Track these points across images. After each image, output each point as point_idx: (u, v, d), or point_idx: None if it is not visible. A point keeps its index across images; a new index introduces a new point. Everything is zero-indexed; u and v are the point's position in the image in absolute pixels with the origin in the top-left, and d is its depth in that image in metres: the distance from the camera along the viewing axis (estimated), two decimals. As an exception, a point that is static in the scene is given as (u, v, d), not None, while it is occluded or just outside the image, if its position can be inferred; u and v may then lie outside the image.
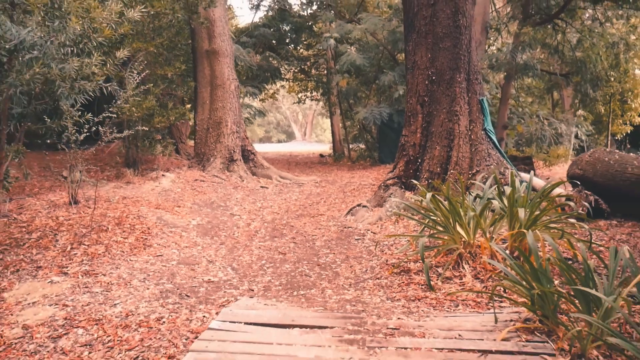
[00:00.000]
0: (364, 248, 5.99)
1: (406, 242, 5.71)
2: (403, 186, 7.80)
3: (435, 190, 6.73)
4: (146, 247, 5.75)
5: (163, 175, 9.85)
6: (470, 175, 7.23)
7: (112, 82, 5.89)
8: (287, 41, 21.29)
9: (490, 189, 5.40)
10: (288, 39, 21.27)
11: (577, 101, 16.16)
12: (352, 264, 5.36)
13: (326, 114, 31.82)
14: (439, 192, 6.00)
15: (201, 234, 6.69)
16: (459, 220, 4.84)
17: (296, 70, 22.74)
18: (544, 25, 14.53)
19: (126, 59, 6.68)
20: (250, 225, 7.40)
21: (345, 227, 7.04)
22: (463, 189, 5.46)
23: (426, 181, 7.42)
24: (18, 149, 5.61)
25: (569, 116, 15.05)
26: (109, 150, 11.17)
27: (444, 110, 7.61)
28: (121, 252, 5.46)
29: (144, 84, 7.91)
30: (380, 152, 16.80)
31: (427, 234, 5.06)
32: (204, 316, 3.82)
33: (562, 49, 14.91)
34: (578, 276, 3.18)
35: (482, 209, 4.87)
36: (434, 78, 7.73)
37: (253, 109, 21.26)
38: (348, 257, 5.68)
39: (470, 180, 6.99)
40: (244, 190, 10.23)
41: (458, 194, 6.04)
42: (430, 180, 7.31)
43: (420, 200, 5.60)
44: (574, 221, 5.09)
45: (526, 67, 13.32)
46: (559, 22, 14.66)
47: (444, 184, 5.58)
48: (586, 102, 15.50)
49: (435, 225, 5.07)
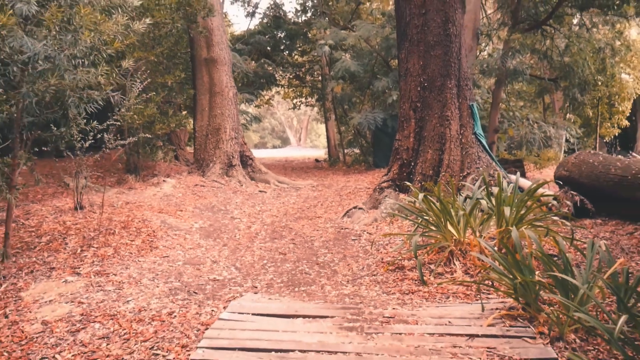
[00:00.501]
0: (360, 248, 6.28)
1: (400, 241, 6.00)
2: (397, 189, 8.10)
3: (427, 191, 7.04)
4: (152, 248, 6.02)
5: (164, 180, 10.11)
6: (461, 177, 7.54)
7: (118, 91, 6.17)
8: (282, 48, 21.61)
9: (479, 190, 5.71)
10: (283, 45, 21.58)
11: (567, 105, 16.56)
12: (350, 263, 5.65)
13: (321, 120, 32.18)
14: (432, 193, 6.31)
15: (204, 236, 6.96)
16: (450, 219, 5.14)
17: (291, 77, 23.05)
18: (533, 32, 14.92)
19: (130, 68, 6.97)
20: (250, 228, 7.68)
21: (342, 229, 7.32)
22: (454, 190, 5.77)
23: (419, 183, 7.72)
24: (30, 156, 5.87)
25: (557, 120, 15.44)
26: (109, 157, 11.42)
27: (435, 116, 7.93)
28: (129, 253, 5.72)
29: (146, 92, 8.18)
30: (375, 157, 17.09)
31: (420, 233, 5.36)
32: (212, 310, 4.09)
33: (550, 54, 15.30)
34: (557, 267, 3.48)
35: (472, 208, 5.17)
36: (426, 85, 8.06)
37: (249, 115, 21.56)
38: (345, 256, 5.97)
39: (461, 182, 7.30)
40: (243, 194, 10.51)
41: (449, 195, 6.34)
42: (423, 183, 7.61)
43: (413, 202, 5.90)
44: (557, 219, 5.39)
45: (515, 72, 13.69)
46: (547, 28, 15.06)
47: (436, 186, 5.88)
48: (575, 105, 15.91)
49: (427, 224, 5.37)
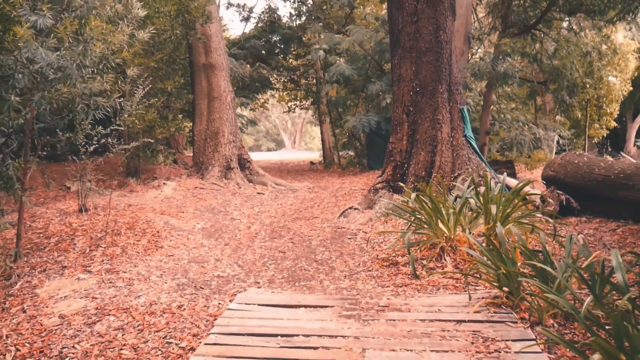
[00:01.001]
0: (356, 246, 6.58)
1: (394, 239, 6.31)
2: (391, 189, 8.43)
3: (420, 192, 7.36)
4: (158, 248, 6.30)
5: (164, 183, 10.38)
6: (452, 178, 7.87)
7: (123, 97, 6.46)
8: (277, 52, 21.89)
9: (469, 189, 6.03)
10: (278, 49, 21.87)
11: (557, 107, 16.97)
12: (346, 259, 5.96)
13: (315, 122, 32.43)
14: (424, 193, 6.63)
15: (206, 236, 7.25)
16: (441, 217, 5.46)
17: (286, 80, 23.34)
18: (523, 36, 15.31)
19: (134, 75, 7.25)
20: (250, 228, 7.97)
21: (339, 228, 7.63)
22: (445, 190, 6.10)
23: (412, 184, 8.04)
24: (39, 161, 6.14)
25: (547, 121, 15.83)
26: (109, 161, 11.68)
27: (427, 119, 8.27)
28: (136, 252, 6.00)
29: (147, 97, 8.46)
30: (369, 159, 17.36)
31: (412, 231, 5.67)
32: (219, 303, 4.38)
33: (540, 57, 15.69)
34: (538, 260, 3.80)
35: (461, 207, 5.50)
36: (418, 89, 8.39)
37: (245, 119, 21.85)
38: (342, 253, 6.27)
39: (452, 183, 7.63)
40: (241, 196, 10.80)
41: (441, 195, 6.67)
42: (416, 183, 7.93)
43: (406, 201, 6.22)
44: (541, 216, 5.72)
45: (506, 75, 14.04)
46: (537, 32, 15.46)
47: (428, 186, 6.20)
48: (564, 107, 16.32)
49: (420, 222, 5.69)
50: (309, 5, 20.89)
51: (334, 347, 3.18)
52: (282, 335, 3.32)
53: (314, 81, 21.72)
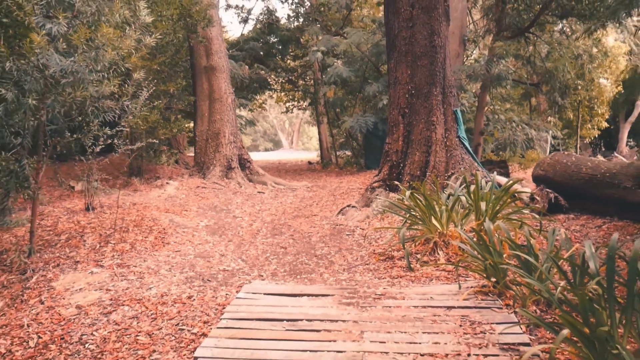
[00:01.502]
0: (354, 241, 6.89)
1: (390, 234, 6.63)
2: (387, 188, 8.74)
3: (415, 190, 7.68)
4: (165, 244, 6.59)
5: (167, 183, 10.67)
6: (446, 177, 8.20)
7: (129, 100, 6.74)
8: (275, 53, 22.17)
9: (461, 188, 6.35)
10: (276, 51, 22.16)
11: (549, 109, 17.34)
12: (345, 254, 6.27)
13: (312, 122, 32.72)
14: (418, 191, 6.94)
15: (210, 233, 7.54)
16: (434, 214, 5.77)
17: (284, 81, 23.62)
18: (516, 39, 15.66)
19: (140, 78, 7.53)
20: (252, 226, 8.27)
21: (337, 225, 7.93)
22: (439, 189, 6.41)
23: (408, 183, 8.36)
24: (51, 161, 6.42)
25: (539, 122, 16.18)
26: (112, 161, 11.95)
27: (422, 121, 8.59)
28: (145, 248, 6.29)
29: (151, 99, 8.74)
30: (366, 159, 17.62)
31: (407, 227, 5.98)
32: (226, 294, 4.68)
33: (533, 60, 16.04)
34: (522, 252, 4.11)
35: (453, 204, 5.81)
36: (413, 92, 8.71)
37: (243, 119, 22.14)
38: (341, 249, 6.58)
39: (446, 181, 7.95)
40: (242, 195, 11.10)
41: (435, 193, 6.98)
42: (411, 182, 8.24)
43: (402, 199, 6.54)
44: (529, 212, 6.04)
45: (500, 77, 14.38)
46: (530, 35, 15.81)
47: (422, 185, 6.51)
48: (556, 108, 16.69)
49: (414, 219, 6.01)
50: (307, 7, 21.18)
51: (335, 330, 3.50)
52: (288, 320, 3.63)
53: (312, 82, 22.00)
